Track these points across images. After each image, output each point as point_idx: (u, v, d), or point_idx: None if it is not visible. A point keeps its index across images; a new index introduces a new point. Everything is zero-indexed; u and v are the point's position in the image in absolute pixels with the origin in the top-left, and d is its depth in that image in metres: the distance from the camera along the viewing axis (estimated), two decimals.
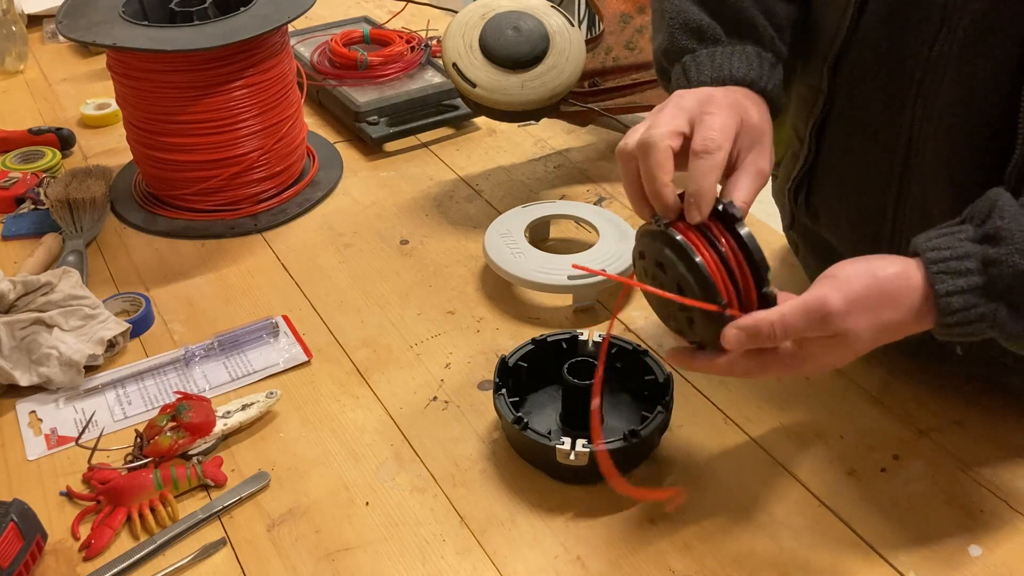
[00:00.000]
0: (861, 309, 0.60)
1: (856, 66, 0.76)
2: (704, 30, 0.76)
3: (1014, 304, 0.58)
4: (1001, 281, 0.58)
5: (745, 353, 0.63)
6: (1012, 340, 0.61)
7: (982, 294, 0.58)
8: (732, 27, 0.76)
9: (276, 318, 0.95)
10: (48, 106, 1.43)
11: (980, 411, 0.83)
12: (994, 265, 0.58)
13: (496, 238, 1.01)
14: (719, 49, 0.75)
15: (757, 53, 0.75)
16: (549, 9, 1.12)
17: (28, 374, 0.86)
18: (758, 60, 0.74)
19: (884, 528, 0.73)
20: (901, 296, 0.60)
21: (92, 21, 1.06)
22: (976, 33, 0.66)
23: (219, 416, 0.82)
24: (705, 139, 0.64)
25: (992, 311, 0.59)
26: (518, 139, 1.30)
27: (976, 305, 0.59)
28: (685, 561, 0.71)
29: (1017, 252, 0.58)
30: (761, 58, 0.75)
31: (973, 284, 0.58)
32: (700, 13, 0.77)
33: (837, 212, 0.85)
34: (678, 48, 0.77)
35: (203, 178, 1.11)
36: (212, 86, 1.06)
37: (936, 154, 0.72)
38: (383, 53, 1.37)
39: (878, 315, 0.60)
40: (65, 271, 0.94)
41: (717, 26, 0.76)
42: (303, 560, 0.72)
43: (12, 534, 0.68)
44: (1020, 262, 0.57)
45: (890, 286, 0.61)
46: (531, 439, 0.76)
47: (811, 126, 0.82)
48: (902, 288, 0.60)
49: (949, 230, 0.62)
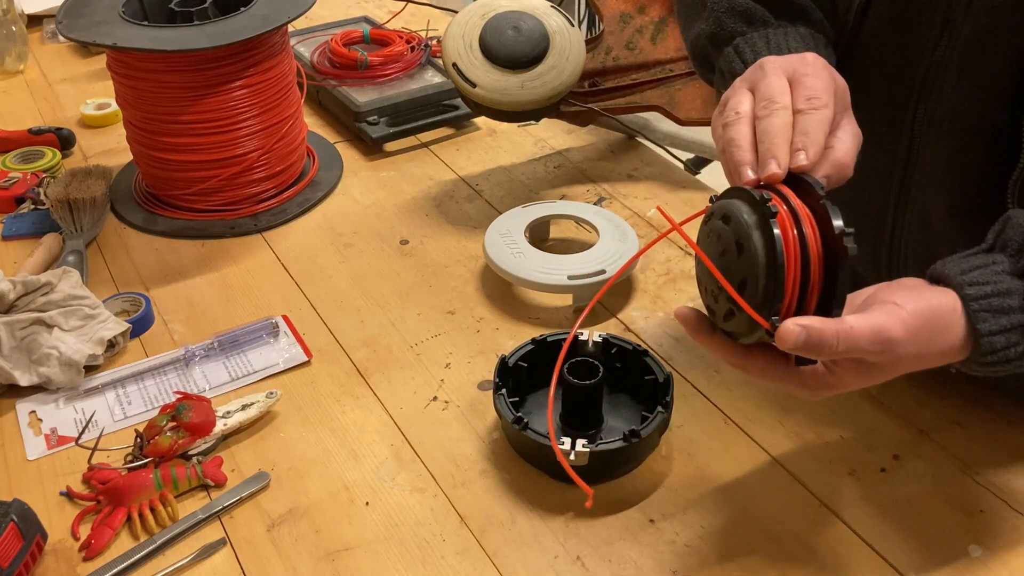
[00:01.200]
0: (917, 341, 0.57)
1: (859, 69, 0.76)
2: (753, 12, 0.74)
3: None
4: None
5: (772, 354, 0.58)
6: None
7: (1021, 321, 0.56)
8: (781, 9, 0.74)
9: (276, 318, 0.95)
10: (48, 106, 1.43)
11: (980, 411, 0.83)
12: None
13: (496, 238, 1.01)
14: (771, 31, 0.72)
15: (811, 34, 0.73)
16: (549, 9, 1.12)
17: (28, 374, 0.86)
18: (813, 41, 0.72)
19: (884, 528, 0.73)
20: (950, 332, 0.58)
21: (92, 21, 1.06)
22: (978, 40, 0.65)
23: (219, 416, 0.82)
24: (810, 97, 0.60)
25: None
26: (518, 139, 1.30)
27: (1019, 344, 0.57)
28: (685, 561, 0.71)
29: None
30: (815, 39, 0.73)
31: (1016, 323, 0.56)
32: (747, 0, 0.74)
33: None
34: (727, 32, 0.74)
35: (203, 178, 1.11)
36: (212, 86, 1.06)
37: (936, 160, 0.72)
38: (383, 53, 1.37)
39: (928, 347, 0.58)
40: (65, 271, 0.94)
41: (765, 10, 0.74)
42: (303, 560, 0.72)
43: (12, 534, 0.68)
44: None
45: (943, 322, 0.58)
46: (531, 439, 0.76)
47: None
48: (952, 325, 0.58)
49: (983, 261, 0.59)
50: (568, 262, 0.96)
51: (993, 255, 0.59)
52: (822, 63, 0.63)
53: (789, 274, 0.55)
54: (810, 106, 0.59)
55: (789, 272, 0.55)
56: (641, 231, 0.82)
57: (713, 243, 0.60)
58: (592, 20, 2.83)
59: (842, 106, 0.64)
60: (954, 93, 0.68)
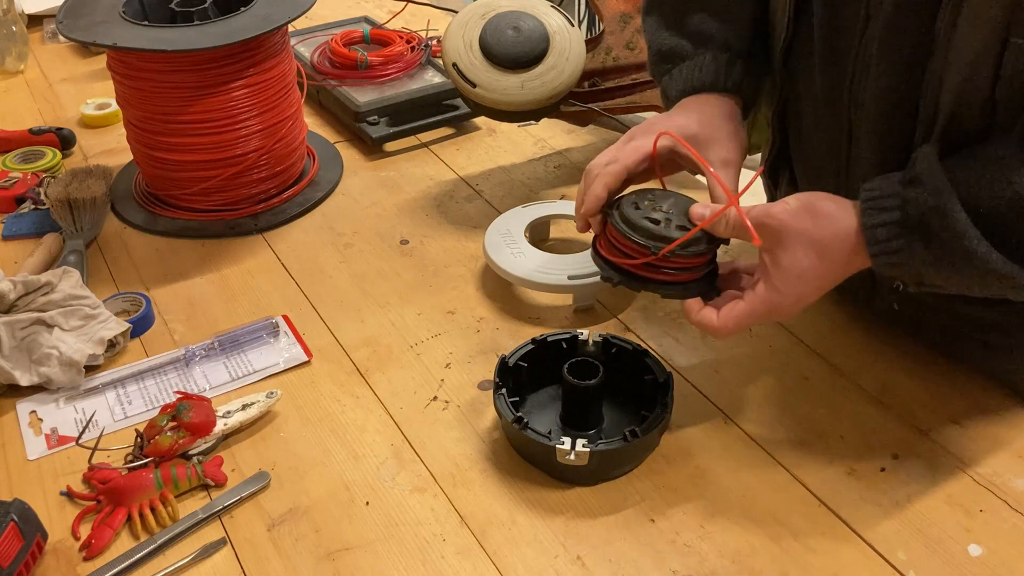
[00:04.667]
0: (798, 219, 0.70)
1: (801, 60, 0.83)
2: (672, 52, 0.88)
3: (925, 236, 0.66)
4: (914, 216, 0.66)
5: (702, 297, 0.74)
6: (928, 268, 0.67)
7: (900, 227, 0.67)
8: (696, 40, 0.87)
9: (276, 318, 0.96)
10: (48, 106, 1.43)
11: (980, 411, 0.83)
12: (910, 203, 0.67)
13: (496, 238, 1.01)
14: (685, 64, 0.87)
15: (714, 58, 0.85)
16: (549, 9, 1.12)
17: (28, 374, 0.86)
18: (714, 65, 0.85)
19: (884, 528, 0.73)
20: (835, 220, 0.69)
21: (92, 21, 1.06)
22: (892, 22, 0.71)
23: (219, 416, 0.82)
24: (616, 154, 0.79)
25: (908, 242, 0.66)
26: (518, 139, 1.30)
27: (897, 237, 0.67)
28: (685, 561, 0.71)
29: (928, 193, 0.65)
30: (717, 62, 0.85)
31: (894, 219, 0.67)
32: (668, 36, 0.89)
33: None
34: (656, 72, 0.91)
35: (203, 178, 1.11)
36: (212, 86, 1.06)
37: (869, 143, 0.77)
38: (383, 53, 1.37)
39: (814, 231, 0.69)
40: (65, 271, 0.94)
41: (684, 42, 0.88)
42: (303, 560, 0.72)
43: (12, 534, 0.68)
44: (929, 200, 0.65)
45: (824, 210, 0.70)
46: (531, 439, 0.76)
47: (772, 115, 0.89)
48: (839, 217, 0.70)
49: (887, 175, 0.70)
50: (568, 262, 0.96)
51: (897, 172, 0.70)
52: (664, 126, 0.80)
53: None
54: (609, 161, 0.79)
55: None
56: None
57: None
58: (592, 20, 2.83)
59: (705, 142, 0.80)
60: (877, 78, 0.74)
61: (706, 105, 0.84)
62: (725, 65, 0.85)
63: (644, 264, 0.75)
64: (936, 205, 0.65)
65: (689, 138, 0.80)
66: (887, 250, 0.67)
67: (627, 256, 0.76)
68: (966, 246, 0.64)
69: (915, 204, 0.66)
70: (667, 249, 0.73)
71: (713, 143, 0.81)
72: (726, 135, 0.82)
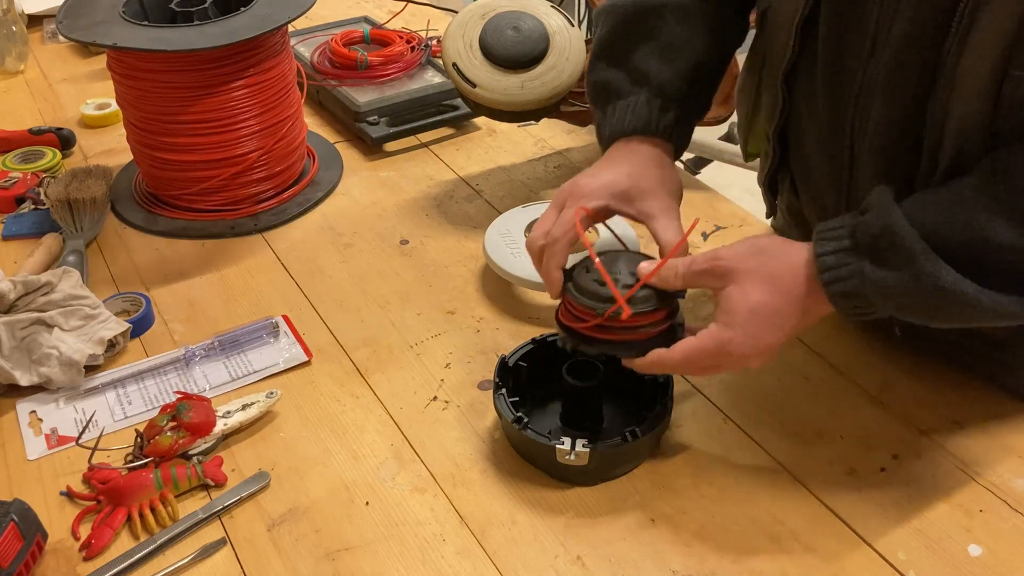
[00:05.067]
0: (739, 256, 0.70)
1: (805, 82, 0.82)
2: (608, 88, 0.87)
3: (875, 259, 0.66)
4: (863, 240, 0.67)
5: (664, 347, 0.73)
6: (880, 293, 0.66)
7: (850, 252, 0.67)
8: (632, 76, 0.86)
9: (276, 318, 0.96)
10: (48, 106, 1.43)
11: (980, 411, 0.83)
12: (859, 228, 0.67)
13: (496, 238, 1.01)
14: (619, 105, 0.85)
15: (647, 102, 0.84)
16: (549, 9, 1.12)
17: (28, 374, 0.86)
18: (646, 109, 0.84)
19: (884, 528, 0.73)
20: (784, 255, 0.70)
21: (92, 21, 1.06)
22: (898, 56, 0.71)
23: (219, 416, 0.82)
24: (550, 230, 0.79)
25: (858, 265, 0.66)
26: (518, 139, 1.30)
27: (846, 263, 0.67)
28: (685, 561, 0.71)
29: (876, 217, 0.66)
30: (650, 106, 0.84)
31: (843, 246, 0.68)
32: (608, 71, 0.87)
33: (801, 214, 0.92)
34: (592, 106, 0.90)
35: (203, 178, 1.11)
36: (212, 86, 1.06)
37: (872, 169, 0.77)
38: (383, 53, 1.37)
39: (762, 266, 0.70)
40: (65, 271, 0.94)
41: (620, 77, 0.86)
42: (303, 560, 0.72)
43: (12, 534, 0.68)
44: (876, 223, 0.66)
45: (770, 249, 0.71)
46: (531, 439, 0.76)
47: (773, 131, 0.88)
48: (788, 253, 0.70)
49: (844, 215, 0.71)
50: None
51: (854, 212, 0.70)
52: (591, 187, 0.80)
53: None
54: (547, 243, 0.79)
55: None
56: (641, 231, 0.83)
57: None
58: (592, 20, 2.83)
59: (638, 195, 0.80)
60: (882, 108, 0.74)
61: (635, 155, 0.83)
62: (658, 110, 0.84)
63: (596, 326, 0.74)
64: (885, 224, 0.65)
65: (621, 194, 0.80)
66: (838, 277, 0.67)
67: (579, 320, 0.75)
68: (917, 267, 0.64)
69: (864, 228, 0.67)
70: (612, 309, 0.72)
71: (647, 195, 0.80)
72: (657, 183, 0.81)
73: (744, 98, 0.95)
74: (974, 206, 0.65)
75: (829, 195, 0.84)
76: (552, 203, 0.82)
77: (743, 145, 0.98)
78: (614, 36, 0.88)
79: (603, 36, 0.88)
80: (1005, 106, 0.66)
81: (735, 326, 0.69)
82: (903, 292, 0.65)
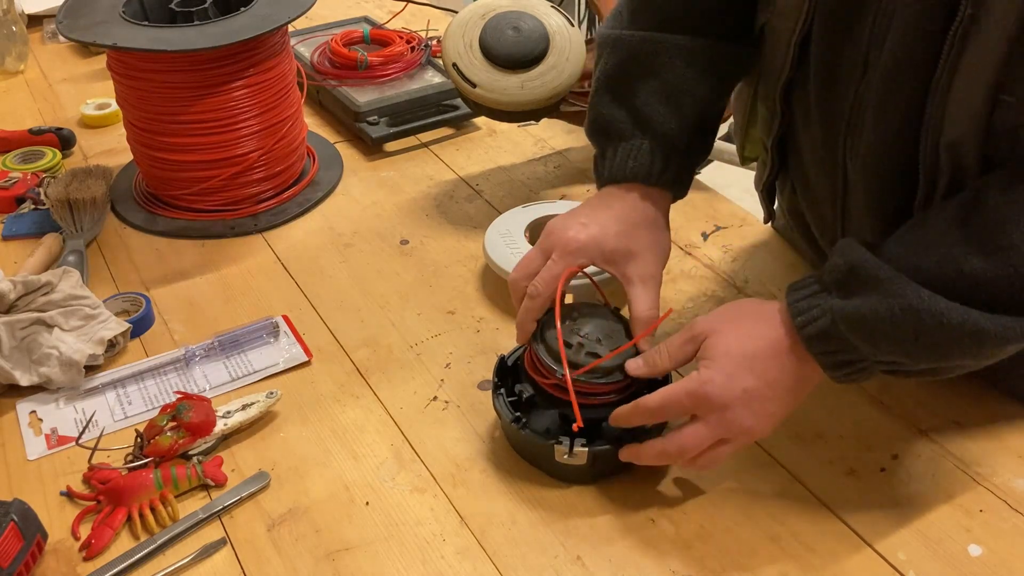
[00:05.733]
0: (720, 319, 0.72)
1: (800, 99, 0.82)
2: (611, 128, 0.84)
3: (843, 294, 0.67)
4: (830, 280, 0.68)
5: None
6: (852, 326, 0.66)
7: (820, 294, 0.68)
8: (635, 119, 0.83)
9: (276, 318, 0.96)
10: (48, 106, 1.43)
11: (980, 411, 0.83)
12: (825, 273, 0.69)
13: (496, 238, 1.01)
14: (620, 148, 0.83)
15: (650, 150, 0.82)
16: (549, 9, 1.12)
17: (28, 374, 0.86)
18: (649, 158, 0.81)
19: (884, 528, 0.73)
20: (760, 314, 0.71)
21: (92, 21, 1.06)
22: (888, 80, 0.70)
23: (219, 416, 0.82)
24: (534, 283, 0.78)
25: (829, 303, 0.67)
26: (518, 139, 1.30)
27: (817, 304, 0.68)
28: (685, 561, 0.71)
29: (841, 257, 0.68)
30: (653, 155, 0.81)
31: (813, 290, 0.69)
32: (611, 107, 0.84)
33: (802, 216, 0.93)
34: (593, 142, 0.87)
35: (203, 178, 1.11)
36: (212, 86, 1.06)
37: (864, 189, 0.77)
38: (383, 53, 1.37)
39: (739, 325, 0.71)
40: (65, 271, 0.94)
41: (623, 116, 0.83)
42: (303, 560, 0.72)
43: (12, 534, 0.68)
44: (840, 263, 0.68)
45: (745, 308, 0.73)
46: (530, 438, 0.76)
47: (772, 142, 0.87)
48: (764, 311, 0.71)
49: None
50: None
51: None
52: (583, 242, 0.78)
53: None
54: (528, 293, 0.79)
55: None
56: None
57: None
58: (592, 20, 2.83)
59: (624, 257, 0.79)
60: (873, 130, 0.73)
61: (631, 211, 0.81)
62: (661, 160, 0.81)
63: (554, 384, 0.75)
64: (849, 261, 0.66)
65: (608, 254, 0.79)
66: (810, 318, 0.67)
67: (541, 375, 0.76)
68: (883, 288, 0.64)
69: (830, 270, 0.69)
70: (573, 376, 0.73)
71: (633, 259, 0.79)
72: (646, 247, 0.80)
73: (740, 106, 0.94)
74: (951, 239, 0.65)
75: (826, 207, 0.84)
76: (538, 245, 0.80)
77: (739, 150, 0.98)
78: (621, 71, 0.84)
79: (610, 69, 0.85)
80: (996, 132, 0.65)
81: (711, 367, 0.69)
82: (875, 319, 0.64)
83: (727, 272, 1.02)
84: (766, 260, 1.04)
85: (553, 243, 0.80)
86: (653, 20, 0.83)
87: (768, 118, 0.87)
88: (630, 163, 0.82)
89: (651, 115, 0.82)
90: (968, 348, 0.64)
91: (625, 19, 0.85)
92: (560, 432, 0.76)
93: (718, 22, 0.84)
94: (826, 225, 0.87)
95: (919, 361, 0.67)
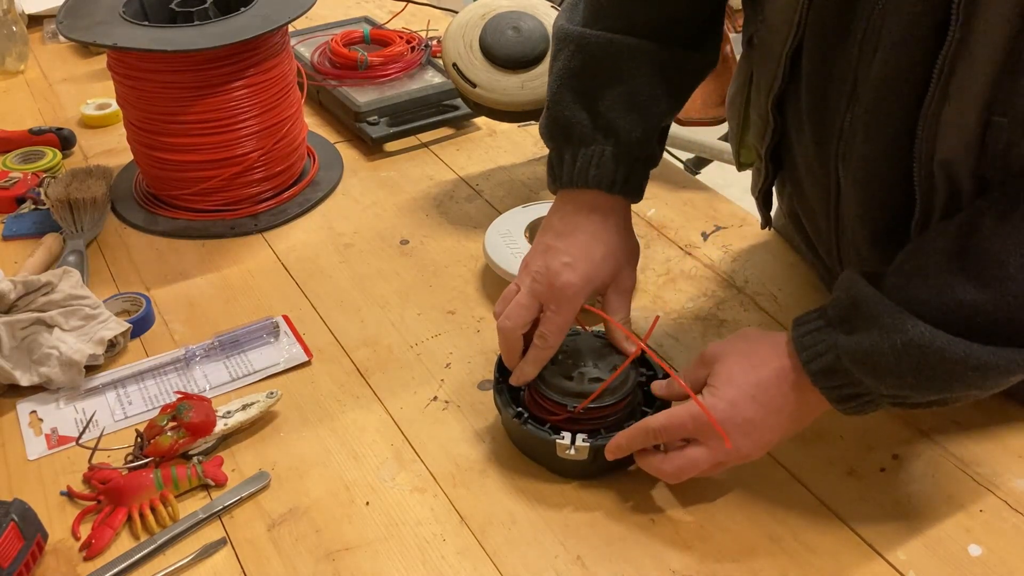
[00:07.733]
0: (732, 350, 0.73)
1: (793, 110, 0.81)
2: (571, 130, 0.81)
3: (847, 329, 0.67)
4: (834, 316, 0.69)
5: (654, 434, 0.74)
6: (856, 361, 0.66)
7: (824, 330, 0.69)
8: (598, 124, 0.81)
9: (276, 318, 0.96)
10: (48, 106, 1.43)
11: (980, 411, 0.83)
12: (829, 308, 0.70)
13: (496, 238, 1.01)
14: (582, 152, 0.81)
15: (613, 157, 0.81)
16: (549, 9, 1.12)
17: (28, 374, 0.86)
18: (613, 165, 0.81)
19: (884, 528, 0.73)
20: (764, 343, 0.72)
21: (93, 21, 1.06)
22: (878, 97, 0.70)
23: (219, 416, 0.82)
24: (543, 334, 0.77)
25: (834, 339, 0.67)
26: (518, 139, 1.30)
27: (822, 340, 0.68)
28: (685, 561, 0.71)
29: (844, 292, 0.68)
30: (616, 163, 0.81)
31: (818, 326, 0.69)
32: (573, 108, 0.81)
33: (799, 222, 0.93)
34: (549, 141, 0.84)
35: (203, 178, 1.11)
36: (212, 86, 1.06)
37: (857, 201, 0.77)
38: (383, 53, 1.37)
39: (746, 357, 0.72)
40: (65, 271, 0.94)
41: (587, 121, 0.81)
42: (303, 560, 0.72)
43: (12, 534, 0.68)
44: (843, 298, 0.68)
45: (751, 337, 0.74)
46: (531, 433, 0.76)
47: (766, 151, 0.87)
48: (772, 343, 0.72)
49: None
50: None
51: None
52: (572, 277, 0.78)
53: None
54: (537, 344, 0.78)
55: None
56: (641, 231, 0.83)
57: None
58: None
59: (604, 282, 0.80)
60: (864, 145, 0.73)
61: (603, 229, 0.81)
62: (625, 168, 0.81)
63: (567, 419, 0.76)
64: (851, 296, 0.67)
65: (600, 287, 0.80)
66: (816, 354, 0.68)
67: (549, 412, 0.77)
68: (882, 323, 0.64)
69: (834, 305, 0.69)
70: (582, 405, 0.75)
71: (615, 276, 0.81)
72: (626, 259, 0.82)
73: (734, 112, 0.94)
74: (948, 268, 0.64)
75: (820, 217, 0.84)
76: (527, 289, 0.79)
77: (735, 155, 0.97)
78: (585, 72, 0.81)
79: (574, 68, 0.81)
80: (990, 152, 0.65)
81: (715, 394, 0.71)
82: (877, 354, 0.64)
83: (727, 272, 1.02)
84: (766, 260, 1.04)
85: (545, 290, 0.78)
86: (618, 23, 0.81)
87: (761, 127, 0.87)
88: (592, 171, 0.81)
89: (615, 121, 0.80)
90: (972, 381, 0.64)
91: (586, 16, 0.82)
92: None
93: (683, 29, 0.83)
94: (821, 234, 0.87)
95: (925, 394, 0.67)
